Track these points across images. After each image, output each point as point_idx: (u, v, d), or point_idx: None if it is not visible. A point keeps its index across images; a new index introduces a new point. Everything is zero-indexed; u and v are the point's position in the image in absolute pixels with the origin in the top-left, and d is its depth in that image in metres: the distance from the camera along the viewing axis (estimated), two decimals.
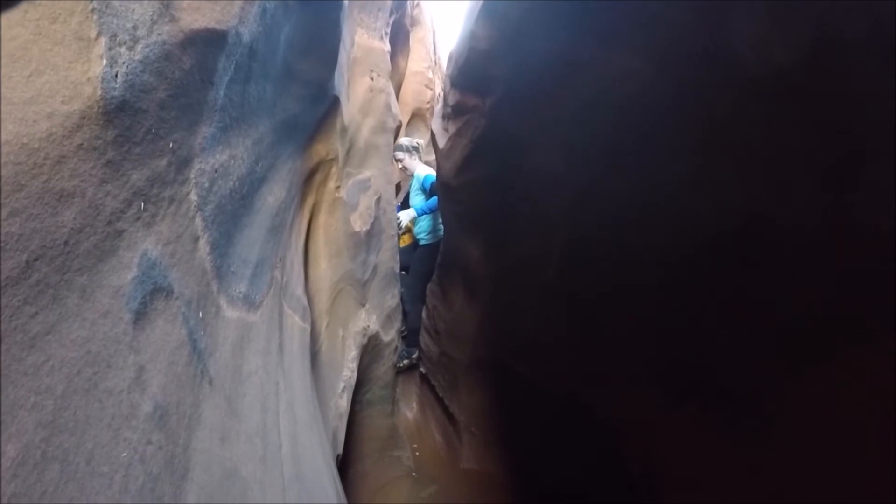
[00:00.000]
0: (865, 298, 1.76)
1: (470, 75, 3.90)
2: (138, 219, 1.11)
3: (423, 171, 6.33)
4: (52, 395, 0.81)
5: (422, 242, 6.40)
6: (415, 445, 5.52)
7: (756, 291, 2.17)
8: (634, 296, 2.89)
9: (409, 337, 6.36)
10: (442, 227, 6.11)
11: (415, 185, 6.37)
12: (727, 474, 2.44)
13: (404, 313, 6.39)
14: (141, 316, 1.08)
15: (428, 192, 6.15)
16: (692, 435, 2.63)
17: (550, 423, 4.11)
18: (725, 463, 2.44)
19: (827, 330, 1.92)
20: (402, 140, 6.60)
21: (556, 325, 3.71)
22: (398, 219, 5.97)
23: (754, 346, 2.22)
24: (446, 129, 4.70)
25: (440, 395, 5.60)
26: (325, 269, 3.79)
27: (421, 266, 6.30)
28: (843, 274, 1.82)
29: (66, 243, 0.88)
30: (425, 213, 6.15)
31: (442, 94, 5.23)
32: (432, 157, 5.92)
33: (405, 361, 6.19)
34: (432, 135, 5.25)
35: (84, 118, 0.94)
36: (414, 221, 6.44)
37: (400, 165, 6.50)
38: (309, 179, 3.42)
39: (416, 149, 6.54)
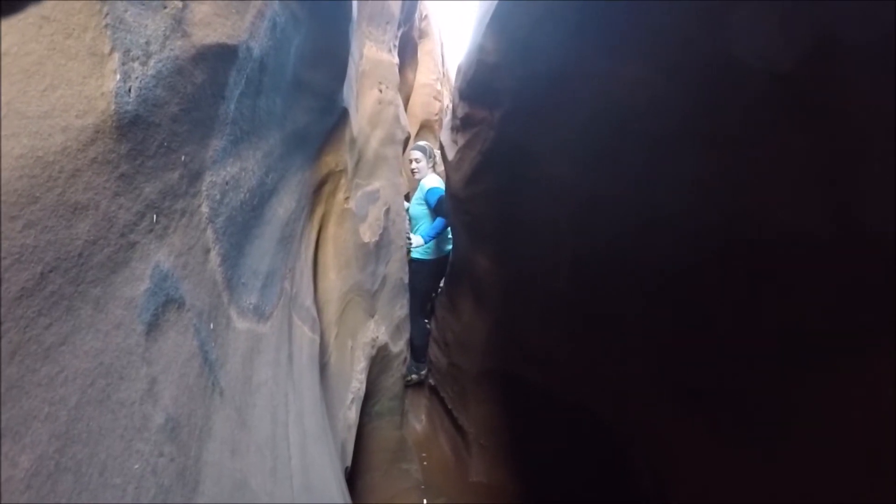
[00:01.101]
0: (871, 301, 1.76)
1: (478, 88, 3.91)
2: (151, 231, 1.12)
3: (430, 182, 6.04)
4: (65, 407, 0.82)
5: (414, 256, 6.10)
6: (424, 456, 5.51)
7: (762, 297, 2.17)
8: (643, 304, 2.89)
9: (416, 353, 6.27)
10: (443, 243, 6.08)
11: (418, 194, 6.12)
12: (736, 480, 2.44)
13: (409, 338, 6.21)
14: (153, 327, 1.09)
15: (433, 207, 5.91)
16: (701, 442, 2.62)
17: (560, 434, 4.10)
18: (734, 469, 2.44)
19: (833, 333, 1.91)
20: (424, 143, 6.42)
21: (565, 335, 3.71)
22: (409, 240, 5.83)
23: (761, 351, 2.22)
24: (455, 142, 4.71)
25: (449, 406, 5.60)
26: (334, 280, 3.79)
27: (414, 282, 6.10)
28: (847, 277, 1.82)
29: (80, 255, 0.89)
30: (433, 239, 5.91)
31: (450, 107, 5.24)
32: (441, 167, 5.88)
33: (413, 376, 6.18)
34: (441, 147, 5.27)
35: (98, 132, 0.95)
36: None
37: (413, 165, 6.27)
38: (318, 190, 3.43)
39: (433, 156, 6.31)
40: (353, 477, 4.56)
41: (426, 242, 5.84)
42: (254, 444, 1.62)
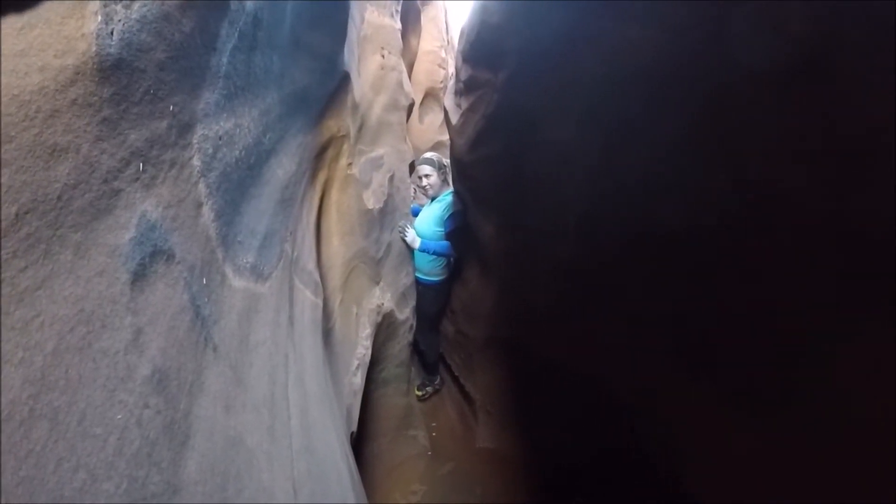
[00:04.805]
0: (883, 275, 1.73)
1: (482, 49, 3.88)
2: (136, 179, 1.09)
3: (451, 204, 5.51)
4: (41, 352, 0.79)
5: (418, 277, 5.68)
6: (434, 424, 5.56)
7: (772, 266, 2.14)
8: (649, 271, 2.87)
9: (429, 367, 6.16)
10: (445, 271, 5.68)
11: (438, 212, 5.55)
12: (741, 447, 2.43)
13: (419, 353, 6.07)
14: (139, 277, 1.06)
15: (445, 231, 5.42)
16: (707, 409, 2.61)
17: (566, 401, 4.12)
18: (740, 436, 2.43)
19: (842, 306, 1.89)
20: (433, 154, 5.75)
21: (571, 302, 3.71)
22: (403, 232, 5.23)
23: (769, 320, 2.20)
24: (459, 105, 4.69)
25: (456, 373, 5.64)
26: (337, 247, 3.78)
27: (421, 304, 5.76)
28: (859, 251, 1.79)
29: (59, 198, 0.86)
30: (426, 253, 5.42)
31: (454, 71, 5.19)
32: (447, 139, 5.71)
33: (429, 388, 6.11)
34: (445, 112, 5.23)
35: (78, 73, 0.92)
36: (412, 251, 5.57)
37: (424, 183, 5.59)
38: (320, 156, 3.40)
39: (444, 168, 5.66)
40: (361, 444, 4.59)
41: (419, 250, 5.35)
42: (250, 403, 1.59)
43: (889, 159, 1.59)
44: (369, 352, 4.22)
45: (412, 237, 5.28)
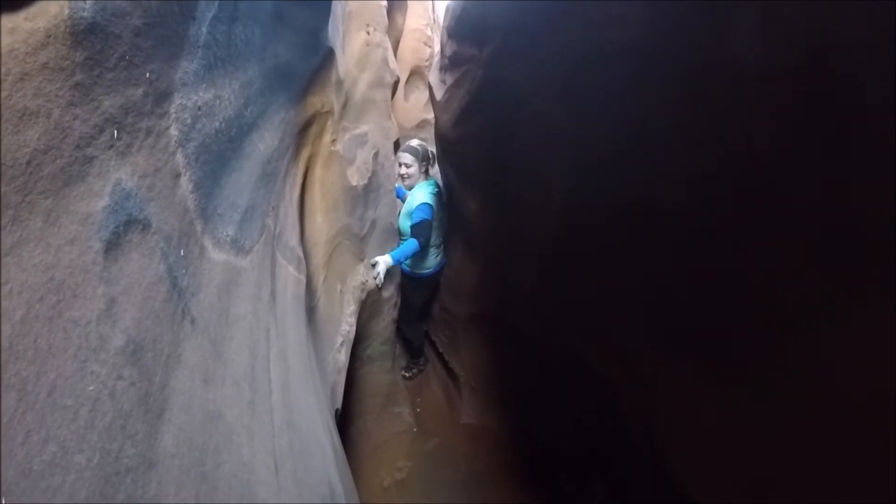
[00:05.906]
0: (871, 258, 1.73)
1: (467, 25, 3.87)
2: (111, 147, 1.07)
3: (421, 196, 5.34)
4: (9, 321, 0.77)
5: (404, 269, 5.61)
6: (418, 401, 5.60)
7: (756, 245, 2.14)
8: (635, 250, 2.87)
9: (414, 352, 6.18)
10: (429, 262, 5.59)
11: (408, 206, 5.46)
12: (724, 424, 2.43)
13: (403, 339, 6.05)
14: (113, 246, 1.04)
15: (410, 224, 5.27)
16: (693, 391, 2.61)
17: (550, 379, 4.13)
18: (726, 419, 2.43)
19: (829, 284, 1.88)
20: (417, 143, 5.59)
21: (556, 280, 3.71)
22: (377, 274, 4.82)
23: (755, 302, 2.19)
24: (444, 81, 4.68)
25: (440, 350, 5.66)
26: (321, 223, 3.77)
27: (407, 295, 5.69)
28: (847, 233, 1.78)
29: (28, 163, 0.84)
30: (400, 262, 5.15)
31: (439, 47, 5.17)
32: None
33: (414, 371, 6.14)
34: (430, 89, 5.21)
35: (49, 37, 0.90)
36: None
37: (403, 171, 5.46)
38: (304, 132, 3.38)
39: (428, 158, 5.56)
40: (346, 421, 4.60)
41: (394, 263, 5.00)
42: (230, 376, 1.57)
43: (875, 140, 1.59)
44: (353, 329, 4.22)
45: (384, 263, 4.87)
